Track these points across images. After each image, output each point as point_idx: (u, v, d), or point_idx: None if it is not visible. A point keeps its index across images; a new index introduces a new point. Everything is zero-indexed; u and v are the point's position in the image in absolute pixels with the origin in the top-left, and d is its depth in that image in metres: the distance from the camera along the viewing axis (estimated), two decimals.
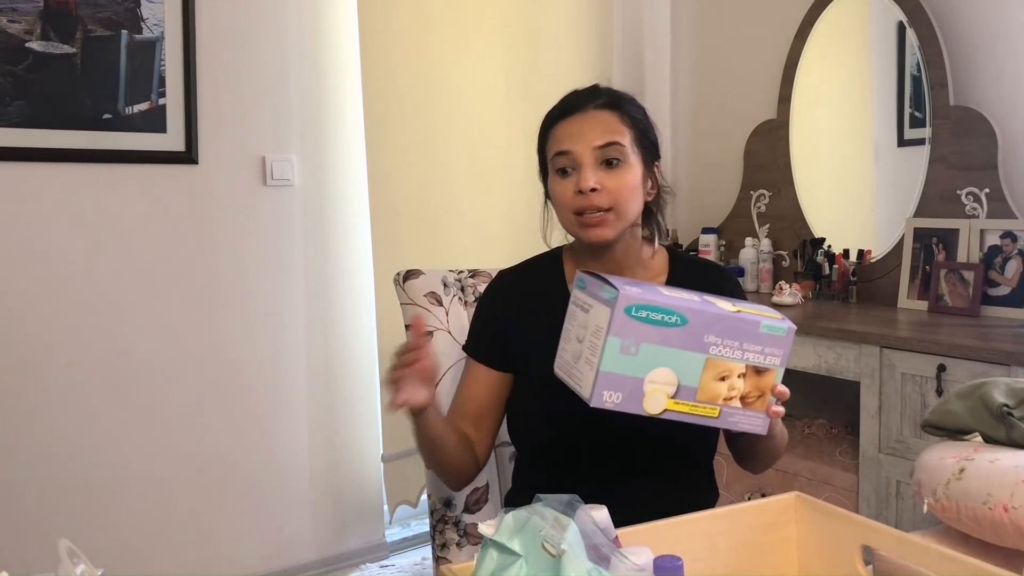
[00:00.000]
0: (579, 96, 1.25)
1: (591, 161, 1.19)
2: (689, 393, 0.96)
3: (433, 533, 1.51)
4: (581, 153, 1.19)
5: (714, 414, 0.98)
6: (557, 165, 1.22)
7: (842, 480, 2.26)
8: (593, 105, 1.22)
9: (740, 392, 0.98)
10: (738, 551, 0.93)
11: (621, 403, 0.94)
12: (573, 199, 1.19)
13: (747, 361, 0.97)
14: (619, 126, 1.21)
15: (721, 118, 3.14)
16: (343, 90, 2.61)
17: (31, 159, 2.16)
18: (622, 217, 1.20)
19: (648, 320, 0.93)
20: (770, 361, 0.98)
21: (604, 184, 1.18)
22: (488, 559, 0.73)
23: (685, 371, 0.95)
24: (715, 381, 0.96)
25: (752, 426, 1.00)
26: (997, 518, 1.22)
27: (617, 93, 1.25)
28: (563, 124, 1.23)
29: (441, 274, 1.57)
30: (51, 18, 2.15)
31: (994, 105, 2.33)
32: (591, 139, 1.19)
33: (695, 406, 0.97)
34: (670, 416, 0.96)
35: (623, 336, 0.93)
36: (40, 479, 2.20)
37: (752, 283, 2.87)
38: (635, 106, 1.26)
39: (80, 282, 2.25)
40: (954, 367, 1.92)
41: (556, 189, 1.22)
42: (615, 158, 1.19)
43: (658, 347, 0.94)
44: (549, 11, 2.93)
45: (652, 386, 0.95)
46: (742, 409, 0.99)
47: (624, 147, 1.20)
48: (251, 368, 2.50)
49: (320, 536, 2.64)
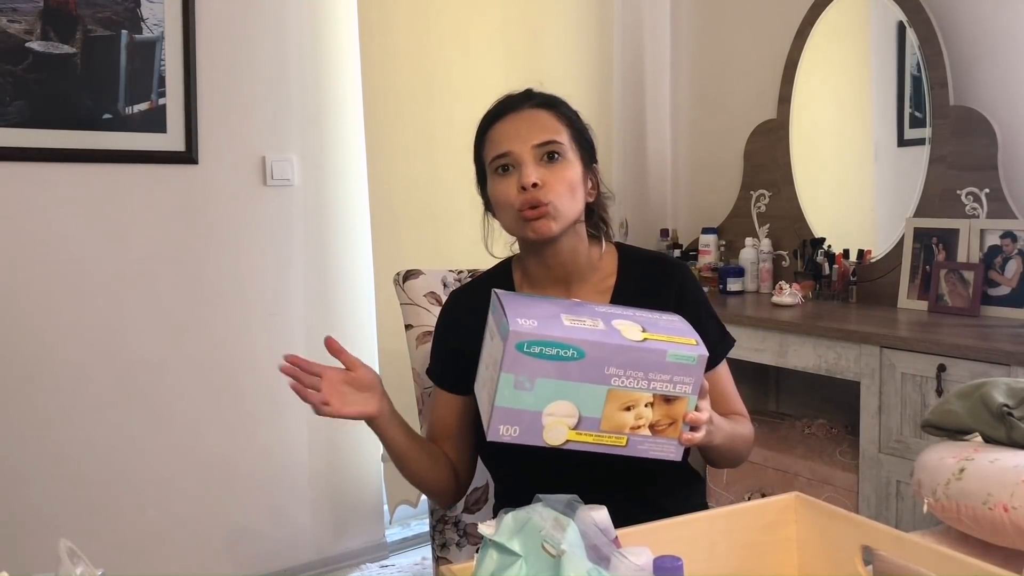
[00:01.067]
0: (512, 97, 1.26)
1: (531, 159, 1.19)
2: (592, 424, 0.94)
3: (433, 533, 1.51)
4: (521, 151, 1.19)
5: (621, 443, 0.95)
6: (496, 165, 1.22)
7: (842, 480, 2.26)
8: (528, 105, 1.23)
9: (648, 420, 0.95)
10: (738, 551, 0.93)
11: (519, 436, 0.93)
12: (516, 197, 1.19)
13: (654, 390, 0.94)
14: (556, 124, 1.21)
15: (721, 118, 3.14)
16: (343, 90, 2.61)
17: (31, 159, 2.16)
18: (563, 212, 1.19)
19: (542, 356, 0.90)
20: (680, 389, 0.95)
21: (545, 179, 1.18)
22: (488, 559, 0.73)
23: (586, 403, 0.93)
24: (620, 411, 0.94)
25: (664, 453, 0.98)
26: (997, 518, 1.22)
27: (550, 95, 1.26)
28: (500, 125, 1.23)
29: (441, 274, 1.57)
30: (51, 18, 2.15)
31: (994, 105, 2.33)
32: (530, 137, 1.19)
33: (600, 436, 0.94)
34: (573, 447, 0.94)
35: (516, 372, 0.91)
36: (40, 479, 2.20)
37: (752, 283, 2.87)
38: (568, 107, 1.27)
39: (80, 282, 2.25)
40: (954, 367, 1.92)
41: (497, 189, 1.22)
42: (555, 152, 1.20)
43: (555, 381, 0.91)
44: (549, 11, 2.93)
45: (551, 419, 0.93)
46: (652, 437, 0.96)
47: (563, 144, 1.21)
48: (251, 368, 2.50)
49: (320, 536, 2.64)
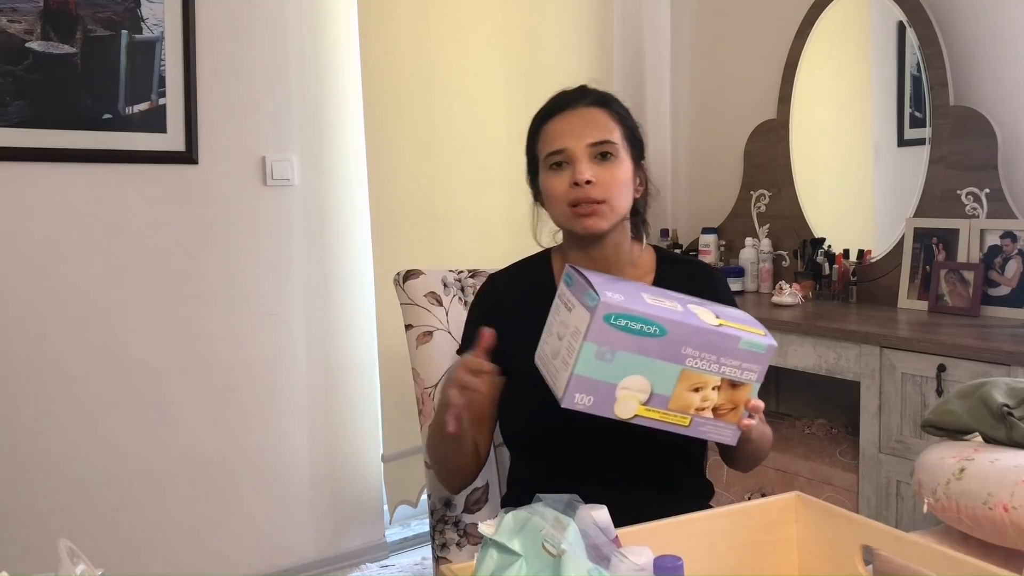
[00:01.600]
0: (568, 94, 1.28)
1: (585, 156, 1.21)
2: (662, 401, 0.96)
3: (433, 533, 1.51)
4: (575, 149, 1.22)
5: (685, 423, 0.98)
6: (551, 162, 1.24)
7: (842, 480, 2.26)
8: (583, 103, 1.25)
9: (713, 403, 0.98)
10: (738, 551, 0.93)
11: (592, 406, 0.95)
12: (568, 192, 1.22)
13: (723, 375, 0.97)
14: (609, 123, 1.24)
15: (721, 118, 3.14)
16: (343, 90, 2.61)
17: (31, 159, 2.16)
18: (615, 209, 1.23)
19: (627, 329, 0.93)
20: (747, 376, 0.98)
21: (598, 177, 1.21)
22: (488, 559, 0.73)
23: (659, 380, 0.95)
24: (688, 392, 0.96)
25: (722, 437, 1.00)
26: (997, 518, 1.22)
27: (604, 92, 1.29)
28: (554, 122, 1.26)
29: (441, 274, 1.57)
30: (51, 18, 2.15)
31: (994, 105, 2.33)
32: (584, 136, 1.22)
33: (666, 414, 0.97)
34: (640, 422, 0.96)
35: (600, 343, 0.93)
36: (40, 479, 2.20)
37: (752, 283, 2.87)
38: (621, 105, 1.29)
39: (80, 282, 2.25)
40: (954, 367, 1.92)
41: (550, 184, 1.25)
42: (607, 151, 1.23)
43: (634, 355, 0.94)
44: (549, 11, 2.93)
45: (624, 392, 0.95)
46: (714, 420, 0.99)
47: (615, 143, 1.23)
48: (251, 368, 2.50)
49: (320, 536, 2.64)
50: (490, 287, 1.37)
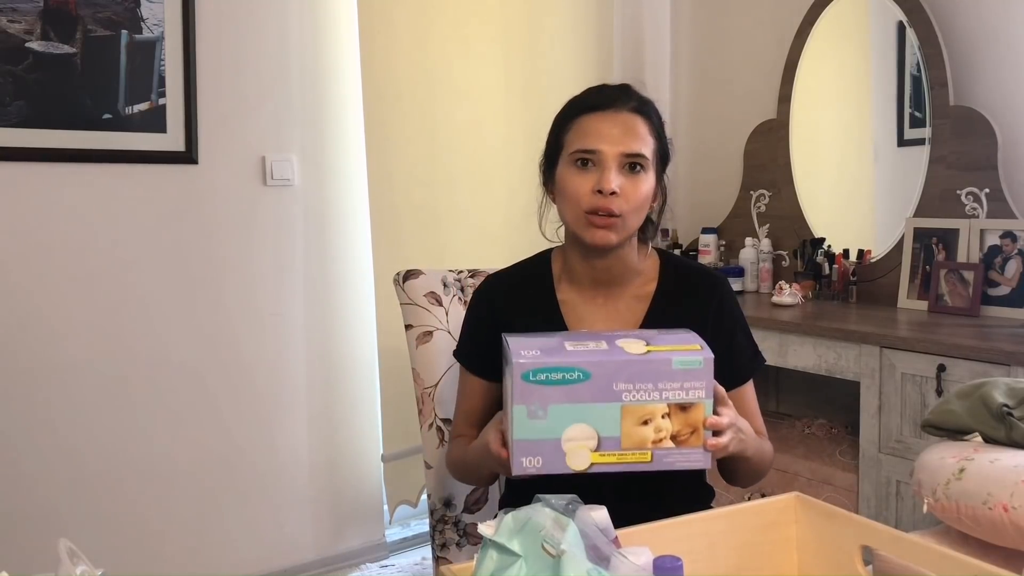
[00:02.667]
0: (611, 91, 1.23)
1: (615, 164, 1.17)
2: (613, 443, 0.94)
3: (433, 533, 1.51)
4: (608, 154, 1.17)
5: (646, 459, 0.95)
6: (578, 158, 1.19)
7: (842, 480, 2.26)
8: (627, 107, 1.20)
9: (669, 432, 0.95)
10: (738, 551, 0.93)
11: (543, 467, 0.93)
12: (589, 196, 1.17)
13: (667, 400, 0.94)
14: (648, 136, 1.20)
15: (721, 118, 3.14)
16: (343, 90, 2.61)
17: (31, 159, 2.16)
18: (629, 226, 1.20)
19: (548, 382, 0.92)
20: (693, 395, 0.95)
21: (624, 189, 1.17)
22: (488, 559, 0.73)
23: (602, 423, 0.93)
24: (638, 426, 0.94)
25: (692, 463, 0.97)
26: (997, 518, 1.22)
27: (647, 99, 1.24)
28: (592, 119, 1.20)
29: (441, 274, 1.57)
30: (51, 18, 2.15)
31: (994, 105, 2.33)
32: (621, 143, 1.17)
33: (623, 455, 0.94)
34: (600, 470, 0.94)
35: (527, 402, 0.92)
36: (40, 479, 2.20)
37: (752, 283, 2.87)
38: (659, 116, 1.24)
39: (80, 282, 2.25)
40: (954, 367, 1.92)
41: (571, 181, 1.19)
42: (638, 164, 1.19)
43: (567, 405, 0.92)
44: (549, 11, 2.93)
45: (571, 444, 0.93)
46: (677, 448, 0.96)
47: (648, 158, 1.19)
48: (251, 368, 2.50)
49: (320, 536, 2.64)
50: (488, 288, 1.35)
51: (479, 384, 1.31)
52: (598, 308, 1.28)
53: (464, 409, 1.33)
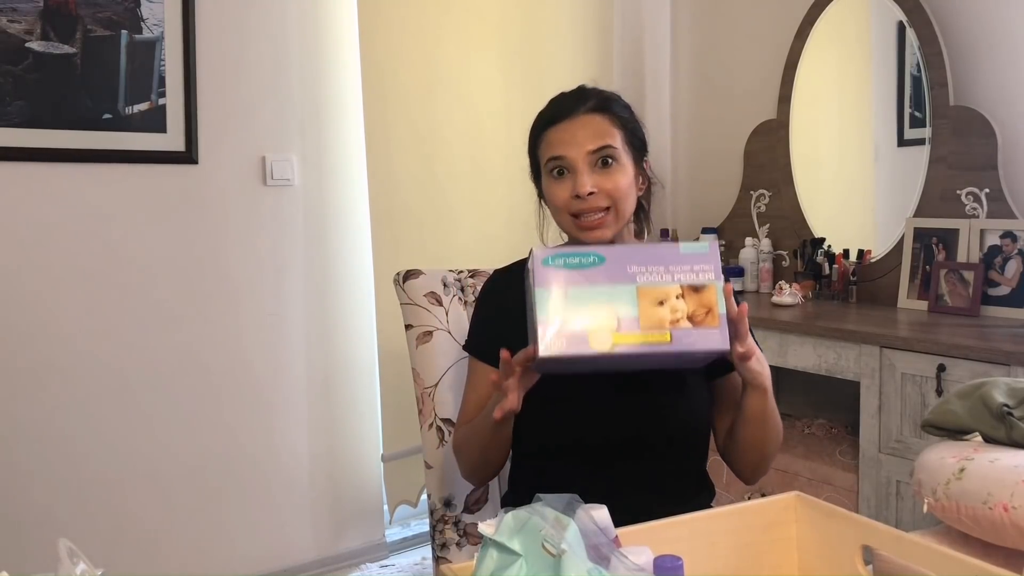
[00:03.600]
0: (567, 100, 1.27)
1: (585, 165, 1.21)
2: (632, 323, 0.97)
3: (433, 533, 1.51)
4: (575, 158, 1.21)
5: (666, 339, 0.98)
6: (552, 167, 1.24)
7: (842, 480, 2.26)
8: (583, 109, 1.24)
9: (684, 312, 0.99)
10: (738, 551, 0.93)
11: (567, 348, 0.96)
12: (570, 202, 1.22)
13: (679, 281, 0.99)
14: (610, 128, 1.23)
15: (721, 118, 3.14)
16: (343, 90, 2.61)
17: (31, 159, 2.16)
18: (620, 216, 1.23)
19: (567, 266, 0.97)
20: (704, 277, 0.99)
21: (601, 186, 1.20)
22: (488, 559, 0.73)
23: (620, 304, 0.97)
24: (654, 307, 0.98)
25: (709, 342, 0.99)
26: (997, 518, 1.22)
27: (604, 94, 1.27)
28: (554, 130, 1.25)
29: (441, 274, 1.57)
30: (51, 18, 2.15)
31: (994, 105, 2.33)
32: (584, 144, 1.21)
33: (644, 335, 0.97)
34: (622, 350, 0.97)
35: (548, 285, 0.97)
36: (40, 479, 2.20)
37: (752, 283, 2.87)
38: (621, 105, 1.28)
39: (80, 282, 2.25)
40: (954, 367, 1.92)
41: (552, 191, 1.24)
42: (608, 157, 1.22)
43: (586, 287, 0.97)
44: (549, 11, 2.93)
45: (593, 324, 0.97)
46: (694, 328, 0.99)
47: (616, 148, 1.22)
48: (251, 368, 2.50)
49: (320, 536, 2.64)
50: (495, 282, 1.38)
51: (488, 372, 1.31)
52: None
53: (472, 399, 1.33)
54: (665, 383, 1.25)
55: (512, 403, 1.08)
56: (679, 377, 1.26)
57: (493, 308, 1.34)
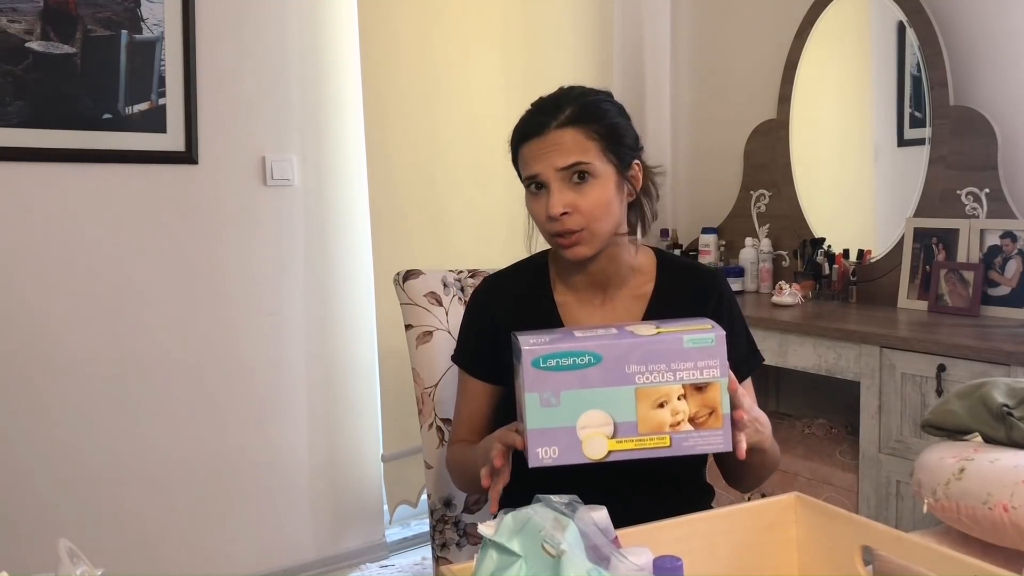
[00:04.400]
0: (541, 112, 1.22)
1: (558, 183, 1.16)
2: (630, 429, 0.92)
3: (433, 533, 1.51)
4: (548, 176, 1.17)
5: (665, 443, 0.93)
6: (528, 183, 1.22)
7: (842, 480, 2.26)
8: (555, 124, 1.18)
9: (687, 414, 0.93)
10: (738, 551, 0.93)
11: (560, 457, 0.92)
12: (546, 222, 1.19)
13: (681, 380, 0.92)
14: (583, 142, 1.17)
15: (721, 118, 3.14)
16: (343, 90, 2.61)
17: (31, 159, 2.16)
18: (597, 234, 1.18)
19: (560, 368, 0.90)
20: (708, 375, 0.93)
21: (575, 204, 1.16)
22: (488, 559, 0.73)
23: (617, 408, 0.91)
24: (654, 410, 0.92)
25: (712, 445, 0.95)
26: (997, 518, 1.22)
27: (584, 99, 1.20)
28: (527, 147, 1.21)
29: (441, 274, 1.57)
30: (51, 18, 2.15)
31: (994, 105, 2.33)
32: (555, 161, 1.17)
33: (641, 440, 0.92)
34: (618, 457, 0.92)
35: (539, 390, 0.91)
36: (40, 479, 2.20)
37: (752, 283, 2.87)
38: (601, 109, 1.20)
39: (80, 282, 2.25)
40: (954, 367, 1.92)
41: (531, 207, 1.23)
42: (583, 172, 1.16)
43: (580, 391, 0.91)
44: (549, 11, 2.93)
45: (586, 431, 0.92)
46: (695, 431, 0.94)
47: (590, 163, 1.16)
48: (251, 368, 2.50)
49: (320, 536, 2.64)
50: (485, 289, 1.35)
51: (479, 387, 1.31)
52: (595, 309, 1.28)
53: (464, 414, 1.32)
54: None
55: (505, 479, 1.07)
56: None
57: (483, 319, 1.31)
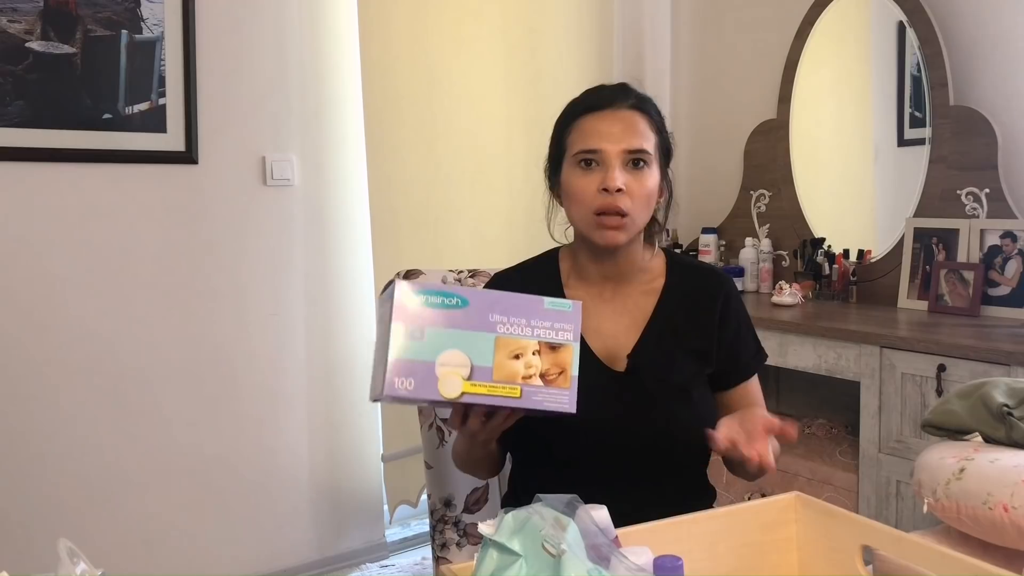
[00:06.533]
0: (610, 92, 1.23)
1: (619, 163, 1.18)
2: (484, 373, 0.96)
3: (433, 533, 1.51)
4: (611, 153, 1.18)
5: (515, 394, 0.97)
6: (581, 159, 1.20)
7: (842, 480, 2.26)
8: (625, 104, 1.21)
9: (538, 369, 0.98)
10: (738, 551, 0.93)
11: (415, 389, 0.94)
12: (596, 196, 1.18)
13: (538, 338, 0.97)
14: (648, 131, 1.21)
15: (721, 118, 3.14)
16: (343, 90, 2.61)
17: (31, 159, 2.16)
18: (637, 223, 1.21)
19: (429, 304, 0.95)
20: (562, 336, 0.98)
21: (629, 187, 1.18)
22: (488, 559, 0.73)
23: (476, 352, 0.96)
24: (509, 360, 0.96)
25: (558, 404, 0.98)
26: (997, 518, 1.22)
27: (645, 96, 1.25)
28: (592, 119, 1.21)
29: (441, 274, 1.57)
30: (51, 18, 2.15)
31: (994, 105, 2.33)
32: (623, 140, 1.18)
33: (494, 387, 0.96)
34: (470, 399, 0.96)
35: (406, 322, 0.94)
36: (40, 479, 2.20)
37: (752, 283, 2.87)
38: (658, 111, 1.25)
39: (80, 282, 2.25)
40: (954, 367, 1.92)
41: (577, 182, 1.20)
42: (642, 160, 1.19)
43: (444, 330, 0.95)
44: (549, 11, 2.93)
45: (444, 369, 0.95)
46: (544, 387, 0.98)
47: (650, 153, 1.20)
48: (251, 368, 2.50)
49: (320, 536, 2.64)
50: (497, 283, 1.35)
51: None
52: (606, 304, 1.28)
53: None
54: (670, 394, 1.24)
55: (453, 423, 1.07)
56: (684, 388, 1.26)
57: None
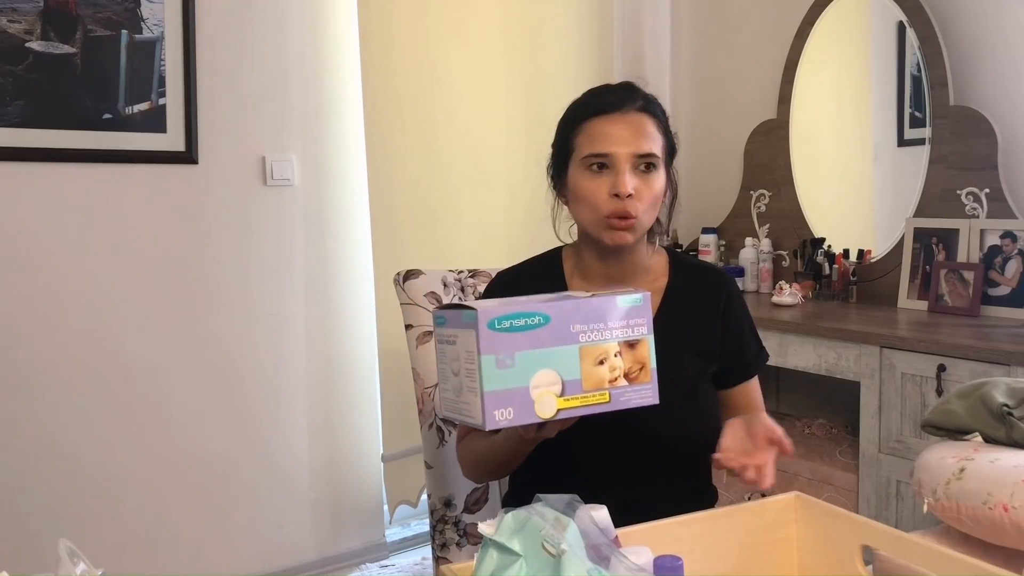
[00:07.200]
0: (617, 94, 1.23)
1: (629, 166, 1.18)
2: (575, 386, 0.97)
3: (433, 533, 1.51)
4: (621, 156, 1.18)
5: (605, 399, 0.99)
6: (591, 163, 1.20)
7: (842, 480, 2.26)
8: (634, 107, 1.21)
9: (622, 371, 0.99)
10: (738, 551, 0.93)
11: (515, 418, 0.95)
12: (608, 200, 1.18)
13: (618, 339, 0.99)
14: (656, 133, 1.21)
15: (721, 118, 3.14)
16: (343, 90, 2.61)
17: (31, 159, 2.16)
18: (644, 225, 1.21)
19: (513, 328, 0.95)
20: (638, 332, 1.00)
21: (639, 190, 1.18)
22: (488, 559, 0.73)
23: (564, 366, 0.97)
24: (595, 367, 0.98)
25: (644, 399, 1.01)
26: (997, 518, 1.22)
27: (651, 96, 1.25)
28: (601, 122, 1.20)
29: (441, 274, 1.57)
30: (51, 18, 2.15)
31: (994, 105, 2.33)
32: (632, 144, 1.18)
33: (585, 397, 0.98)
34: (565, 415, 0.97)
35: (495, 352, 0.94)
36: (40, 479, 2.20)
37: (752, 283, 2.87)
38: (663, 112, 1.26)
39: (79, 282, 2.25)
40: (954, 367, 1.92)
41: (586, 185, 1.20)
42: (651, 163, 1.20)
43: (531, 351, 0.95)
44: (549, 11, 2.93)
45: (538, 391, 0.96)
46: (630, 386, 1.00)
47: (659, 156, 1.21)
48: (251, 368, 2.50)
49: (320, 536, 2.64)
50: (499, 284, 1.35)
51: None
52: None
53: None
54: (675, 393, 1.24)
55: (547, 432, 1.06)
56: (690, 387, 1.25)
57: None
